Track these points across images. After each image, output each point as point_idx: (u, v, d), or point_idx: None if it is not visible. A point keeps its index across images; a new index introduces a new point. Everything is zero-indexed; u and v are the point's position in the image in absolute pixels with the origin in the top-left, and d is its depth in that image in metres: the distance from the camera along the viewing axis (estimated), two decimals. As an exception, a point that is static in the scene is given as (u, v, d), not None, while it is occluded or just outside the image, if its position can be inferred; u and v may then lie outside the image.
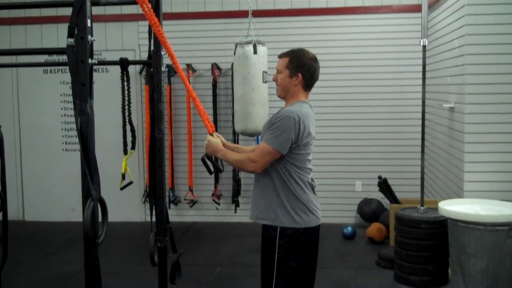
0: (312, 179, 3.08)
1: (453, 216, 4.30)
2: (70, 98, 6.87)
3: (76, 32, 2.34)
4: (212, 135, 3.12)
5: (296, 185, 2.96)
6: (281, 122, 2.89)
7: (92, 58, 2.41)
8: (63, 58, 4.23)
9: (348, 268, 5.35)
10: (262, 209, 3.03)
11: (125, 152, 3.70)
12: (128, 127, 3.67)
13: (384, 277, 5.04)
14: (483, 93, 4.64)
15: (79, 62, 2.34)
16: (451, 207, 4.38)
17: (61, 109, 7.37)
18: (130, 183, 3.77)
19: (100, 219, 2.39)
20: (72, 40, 2.35)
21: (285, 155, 2.92)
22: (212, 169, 3.27)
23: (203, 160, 3.17)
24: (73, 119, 2.94)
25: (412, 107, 6.64)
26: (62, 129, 7.39)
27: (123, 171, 3.67)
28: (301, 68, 3.02)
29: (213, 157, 3.17)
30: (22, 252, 5.90)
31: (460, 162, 4.79)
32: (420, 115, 5.21)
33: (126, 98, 3.59)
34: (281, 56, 3.11)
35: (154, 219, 3.78)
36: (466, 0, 4.64)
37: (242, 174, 6.95)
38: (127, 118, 3.63)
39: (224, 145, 3.13)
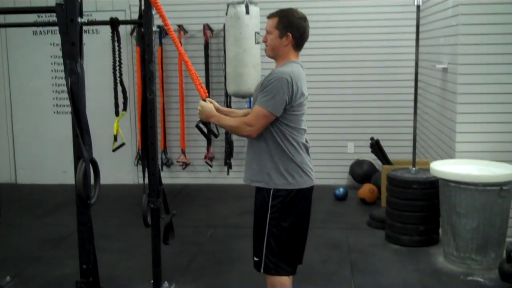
0: (306, 140, 3.07)
1: (444, 176, 4.33)
2: (61, 60, 6.76)
3: (64, -10, 2.30)
4: (205, 100, 3.10)
5: (290, 146, 2.96)
6: (274, 84, 2.86)
7: (81, 17, 2.37)
8: (53, 18, 4.16)
9: (340, 228, 5.39)
10: (256, 172, 3.02)
11: (117, 113, 3.69)
12: (119, 89, 3.65)
13: (375, 237, 5.09)
14: (476, 53, 4.61)
15: (69, 21, 2.30)
16: (443, 168, 4.40)
17: (52, 71, 7.29)
18: (122, 144, 3.76)
19: (92, 180, 2.39)
20: (61, -2, 2.31)
21: (279, 117, 2.90)
22: (208, 134, 3.27)
23: (197, 127, 3.17)
24: (64, 81, 2.90)
25: (405, 68, 6.61)
26: (53, 92, 7.32)
27: (115, 132, 3.66)
28: (290, 28, 2.98)
29: (208, 123, 3.16)
30: (15, 214, 5.91)
31: (452, 123, 4.80)
32: (413, 76, 5.20)
33: (117, 59, 3.56)
34: (270, 16, 3.06)
35: (146, 181, 3.79)
36: (461, -41, 4.58)
37: (234, 137, 6.94)
38: (118, 79, 3.60)
39: (217, 110, 3.11)
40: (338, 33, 6.83)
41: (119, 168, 7.19)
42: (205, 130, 3.19)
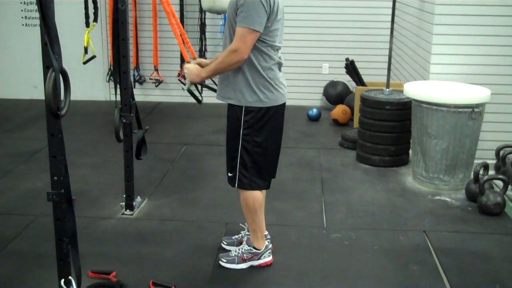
0: (280, 57, 3.02)
1: (417, 97, 4.35)
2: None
3: None
4: (189, 62, 3.01)
5: (263, 61, 2.90)
6: (251, 1, 2.76)
7: None
8: None
9: (312, 148, 5.44)
10: (229, 88, 2.98)
11: (87, 24, 3.58)
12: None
13: (346, 157, 5.16)
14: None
15: None
16: (416, 89, 4.41)
17: (19, -19, 7.01)
18: (93, 57, 3.68)
19: (62, 91, 2.33)
20: None
21: (259, 32, 2.82)
22: (200, 98, 3.23)
23: (189, 91, 3.11)
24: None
25: (383, -12, 6.51)
26: (21, 3, 7.05)
27: (85, 44, 3.57)
28: None
29: (200, 84, 3.09)
30: (-16, 128, 5.83)
31: (428, 44, 4.77)
32: (390, -3, 5.12)
33: (87, -33, 3.42)
34: None
35: (118, 96, 3.73)
36: None
37: (209, 54, 6.84)
38: (88, -12, 3.47)
39: (202, 65, 3.02)
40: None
41: (91, 85, 7.07)
42: (197, 94, 3.13)
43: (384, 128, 4.82)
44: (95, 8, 3.49)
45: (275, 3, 2.82)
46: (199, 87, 3.16)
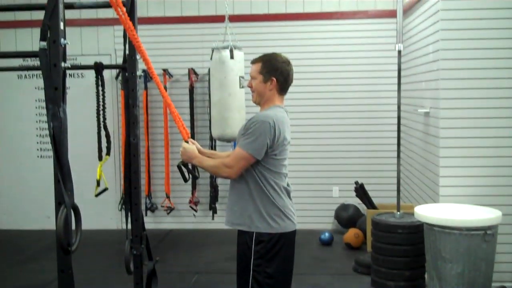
0: (288, 184, 3.06)
1: (428, 220, 4.33)
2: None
3: (48, 35, 2.30)
4: (187, 142, 3.09)
5: (272, 190, 2.95)
6: (256, 127, 2.87)
7: (65, 61, 2.37)
8: (37, 62, 4.18)
9: (326, 274, 5.34)
10: (237, 214, 3.00)
11: (100, 158, 3.67)
12: (103, 133, 3.64)
13: (361, 283, 5.05)
14: (458, 98, 4.67)
15: (52, 65, 2.30)
16: (427, 212, 4.40)
17: (36, 115, 7.28)
18: (105, 189, 3.73)
19: (74, 226, 2.35)
20: (44, 43, 2.31)
21: (261, 160, 2.90)
22: (187, 176, 3.25)
23: (178, 167, 3.15)
24: (48, 125, 2.88)
25: (387, 112, 6.66)
26: (37, 135, 7.30)
27: (97, 177, 3.63)
28: (274, 72, 3.01)
29: (189, 164, 3.15)
30: (-5, 261, 5.81)
31: (436, 167, 4.82)
32: (395, 120, 5.23)
33: (101, 103, 3.56)
34: (253, 61, 3.09)
35: (129, 226, 3.74)
36: (441, 5, 4.68)
37: (219, 181, 6.93)
38: (102, 123, 3.59)
39: (200, 151, 3.10)
40: (323, 77, 6.91)
41: (103, 213, 7.12)
42: (185, 171, 3.17)
43: (397, 252, 4.75)
44: (108, 142, 3.59)
45: (280, 135, 2.90)
46: (190, 165, 3.17)
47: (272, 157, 2.92)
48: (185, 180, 3.41)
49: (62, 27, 2.30)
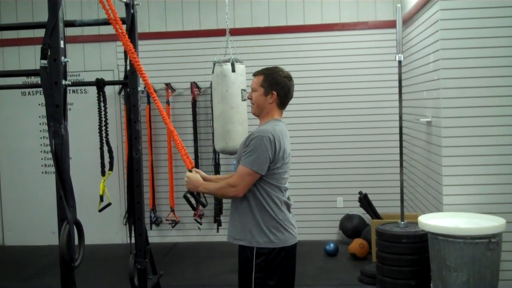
0: (288, 198, 3.07)
1: (432, 230, 4.32)
2: (49, 120, 6.82)
3: (49, 54, 2.33)
4: (191, 171, 3.10)
5: (272, 203, 2.95)
6: (257, 143, 2.88)
7: (65, 79, 2.40)
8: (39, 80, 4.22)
9: (331, 285, 5.33)
10: (238, 229, 3.01)
11: (103, 173, 3.69)
12: (105, 148, 3.66)
13: (367, 293, 5.04)
14: (459, 106, 4.68)
15: (53, 83, 2.33)
16: (431, 221, 4.40)
17: (40, 131, 7.31)
18: (109, 204, 3.74)
19: (77, 242, 2.37)
20: (45, 61, 2.34)
21: (262, 175, 2.91)
22: (195, 205, 3.27)
23: (185, 197, 3.16)
24: (51, 141, 2.91)
25: (389, 122, 6.67)
26: (41, 152, 7.33)
27: (100, 192, 3.65)
28: (275, 86, 3.02)
29: (195, 192, 3.15)
30: (1, 278, 5.80)
31: (439, 175, 4.82)
32: (397, 130, 5.24)
33: (103, 119, 3.59)
34: (255, 74, 3.11)
35: (133, 240, 3.76)
36: (440, 15, 4.70)
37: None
38: (104, 139, 3.62)
39: (204, 178, 3.11)
40: (324, 88, 6.93)
41: (108, 228, 7.13)
42: (192, 200, 3.18)
43: (402, 262, 4.73)
44: (111, 157, 3.61)
45: (281, 148, 2.92)
46: (195, 194, 3.18)
47: (273, 171, 2.93)
48: (194, 209, 3.44)
49: (62, 45, 2.34)
